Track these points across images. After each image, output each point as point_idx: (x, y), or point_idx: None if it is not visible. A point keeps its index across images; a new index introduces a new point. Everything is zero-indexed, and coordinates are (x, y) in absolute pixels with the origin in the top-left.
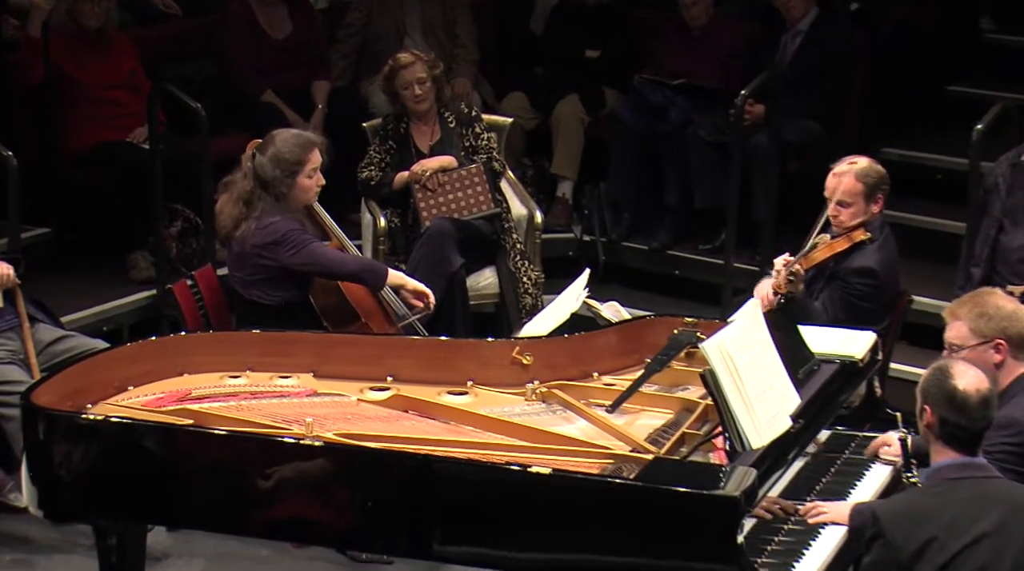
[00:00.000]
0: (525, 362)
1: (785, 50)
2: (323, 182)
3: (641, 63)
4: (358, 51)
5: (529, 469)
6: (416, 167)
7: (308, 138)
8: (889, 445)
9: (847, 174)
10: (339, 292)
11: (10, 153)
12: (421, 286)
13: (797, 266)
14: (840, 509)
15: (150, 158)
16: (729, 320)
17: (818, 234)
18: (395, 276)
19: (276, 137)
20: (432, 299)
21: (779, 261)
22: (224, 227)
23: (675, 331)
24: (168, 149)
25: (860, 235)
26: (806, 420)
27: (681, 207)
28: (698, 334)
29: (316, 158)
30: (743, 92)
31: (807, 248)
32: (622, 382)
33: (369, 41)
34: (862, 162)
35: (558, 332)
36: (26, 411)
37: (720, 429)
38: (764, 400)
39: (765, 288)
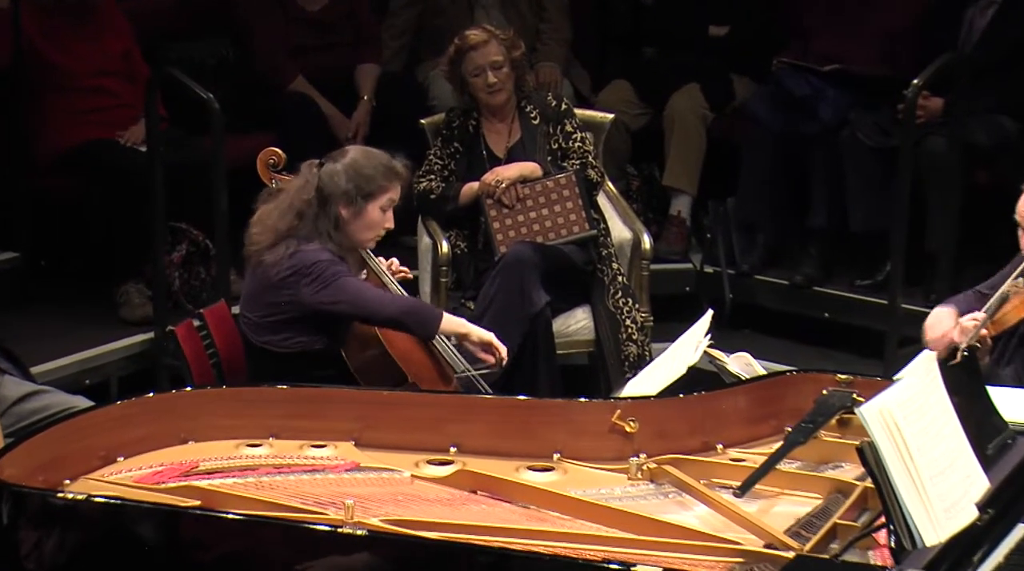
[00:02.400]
0: (629, 430)
1: (971, 27)
2: (391, 226)
3: (781, 44)
4: (416, 27)
5: (633, 568)
6: (489, 177)
7: (397, 166)
8: None
9: None
10: (378, 344)
11: None
12: (490, 336)
13: (984, 331)
14: None
15: (148, 163)
16: (895, 378)
17: (1015, 277)
18: (453, 322)
19: (354, 149)
20: (504, 354)
21: (968, 320)
22: (256, 243)
23: (824, 391)
24: (171, 152)
25: None
26: (997, 509)
27: (832, 230)
28: (854, 396)
29: (396, 193)
30: (915, 82)
31: (994, 303)
32: (754, 457)
33: (430, 14)
34: None
35: (671, 391)
36: None
37: (883, 520)
38: (941, 483)
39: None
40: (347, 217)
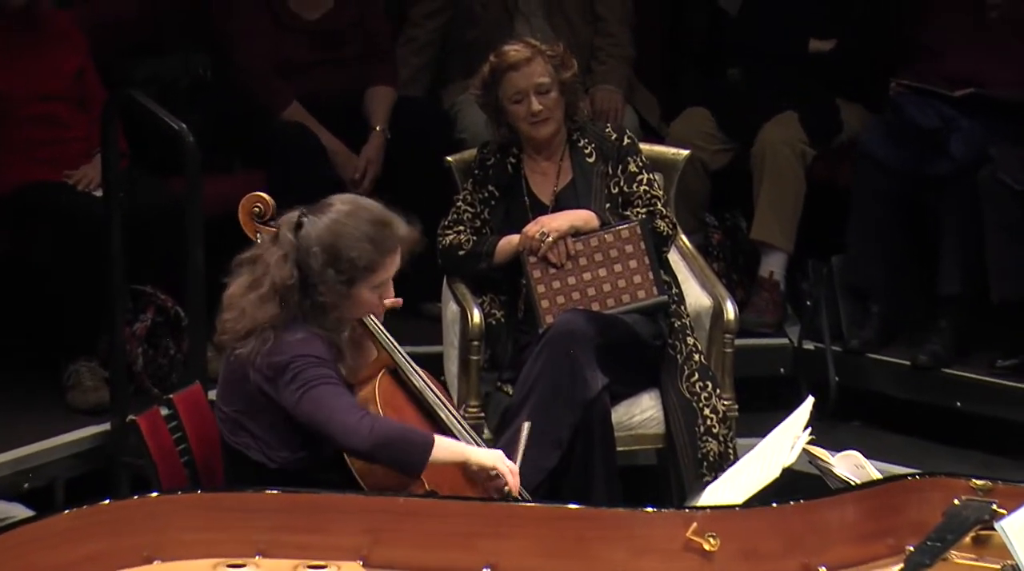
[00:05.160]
0: (708, 548)
1: None
2: (396, 303)
3: (901, 62)
4: (441, 41)
5: None
6: (532, 228)
7: (392, 231)
8: None
9: None
10: None
11: None
12: (493, 460)
13: None
14: None
15: (104, 210)
16: None
17: None
18: (447, 451)
19: (338, 207)
20: (514, 483)
21: None
22: (230, 332)
23: (956, 501)
24: (133, 196)
25: None
26: None
27: (967, 298)
28: (994, 507)
29: (394, 264)
30: None
31: None
32: None
33: (460, 25)
34: None
35: (761, 500)
36: None
37: None
38: None
39: None
40: (333, 301)
